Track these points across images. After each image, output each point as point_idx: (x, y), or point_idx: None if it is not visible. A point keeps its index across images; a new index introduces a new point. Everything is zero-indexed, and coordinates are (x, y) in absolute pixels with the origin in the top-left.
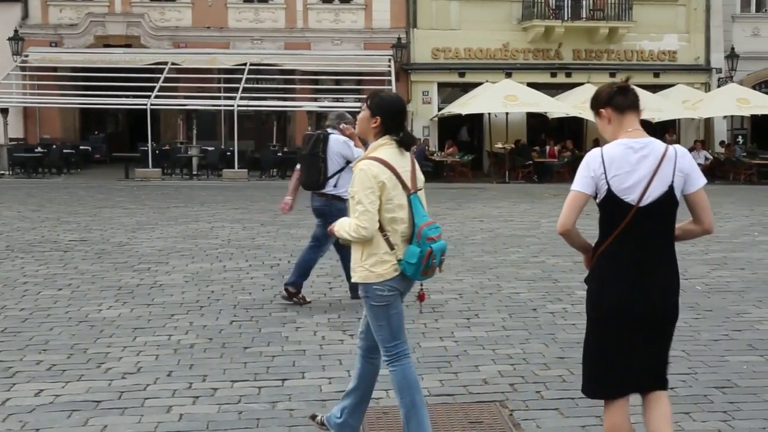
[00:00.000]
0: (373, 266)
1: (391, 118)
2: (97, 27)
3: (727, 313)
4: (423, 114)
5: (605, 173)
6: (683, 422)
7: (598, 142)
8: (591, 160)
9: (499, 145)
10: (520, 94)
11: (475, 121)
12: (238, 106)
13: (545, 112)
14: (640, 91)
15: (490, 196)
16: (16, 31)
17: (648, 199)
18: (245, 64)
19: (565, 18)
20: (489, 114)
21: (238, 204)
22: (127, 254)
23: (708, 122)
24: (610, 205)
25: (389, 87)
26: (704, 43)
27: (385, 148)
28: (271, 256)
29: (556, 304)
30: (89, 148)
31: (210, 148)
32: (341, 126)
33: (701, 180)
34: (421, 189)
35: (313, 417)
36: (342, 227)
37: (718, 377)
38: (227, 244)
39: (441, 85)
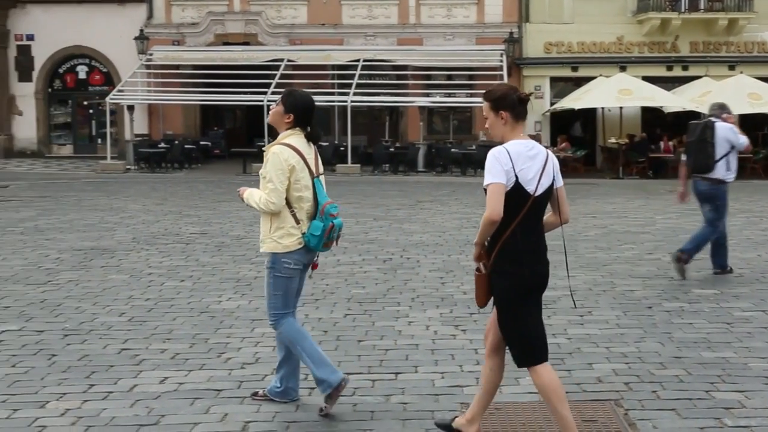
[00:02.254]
0: (281, 238)
1: (303, 116)
2: (217, 25)
3: None
4: (535, 109)
5: (514, 167)
6: None
7: None
8: (500, 156)
9: (613, 140)
10: (635, 88)
11: (589, 115)
12: (352, 101)
13: (661, 107)
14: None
15: (603, 191)
16: (141, 30)
17: (540, 190)
18: (358, 60)
19: (682, 9)
20: (602, 108)
21: (351, 198)
22: (245, 247)
23: None
24: (515, 195)
25: (500, 82)
26: None
27: (295, 137)
28: (384, 251)
29: (672, 302)
30: (209, 143)
31: (324, 143)
32: (723, 115)
33: (561, 178)
34: (322, 174)
35: (255, 393)
36: (252, 197)
37: None
38: (341, 238)
39: (553, 80)
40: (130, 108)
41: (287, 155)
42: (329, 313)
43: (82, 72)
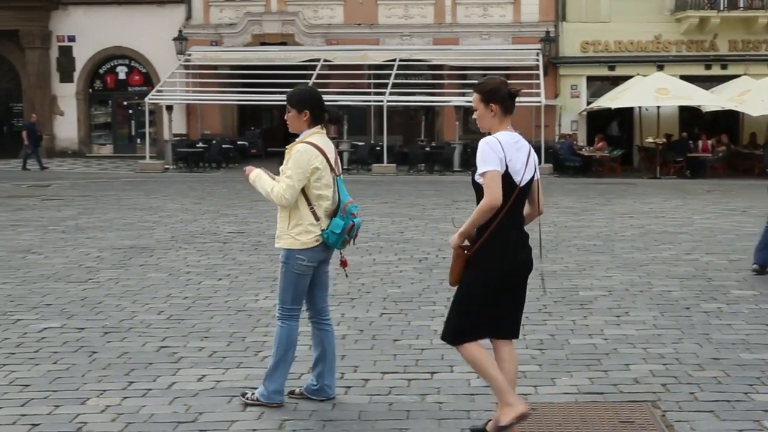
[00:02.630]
0: (299, 235)
1: (317, 107)
2: (254, 26)
3: None
4: (571, 108)
5: (505, 156)
6: None
7: (755, 136)
8: (493, 145)
9: (650, 140)
10: (673, 88)
11: (626, 115)
12: (388, 101)
13: (699, 106)
14: None
15: (640, 191)
16: (180, 31)
17: (524, 181)
18: (394, 60)
19: (721, 8)
20: (639, 108)
21: (386, 198)
22: None
23: None
24: (504, 184)
25: (537, 81)
26: None
27: (318, 135)
28: (420, 250)
29: (710, 303)
30: (246, 143)
31: (360, 143)
32: None
33: (538, 171)
34: (342, 173)
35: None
36: (262, 183)
37: None
38: (377, 237)
39: (590, 79)
40: (169, 108)
41: (311, 156)
42: (365, 312)
43: (122, 72)
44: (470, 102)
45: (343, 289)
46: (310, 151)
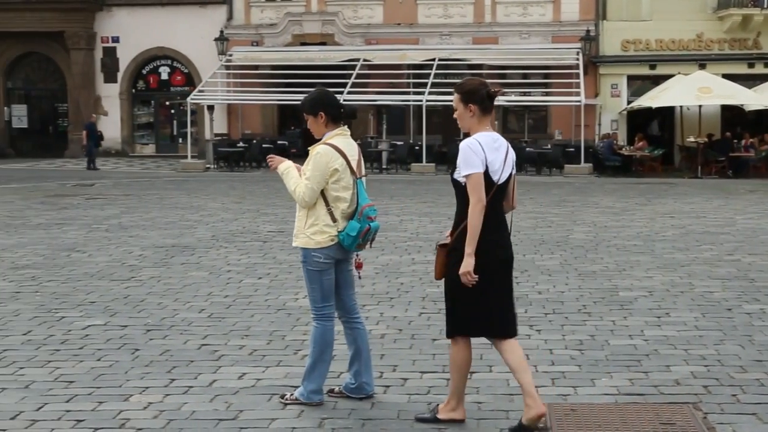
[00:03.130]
0: (314, 234)
1: (330, 106)
2: (294, 26)
3: None
4: (611, 107)
5: (486, 157)
6: None
7: None
8: (474, 147)
9: (691, 139)
10: (715, 86)
11: (667, 114)
12: (427, 101)
13: (741, 105)
14: None
15: (681, 191)
16: (221, 32)
17: (502, 179)
18: (434, 60)
19: (765, 5)
20: (681, 107)
21: (425, 198)
22: None
23: None
24: (484, 182)
25: (576, 80)
26: None
27: (340, 137)
28: None
29: (752, 304)
30: (286, 142)
31: (399, 143)
32: None
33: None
34: (364, 175)
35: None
36: (289, 180)
37: None
38: (416, 236)
39: (630, 78)
40: (210, 108)
41: (330, 158)
42: (404, 311)
43: (164, 73)
44: (509, 101)
45: (382, 288)
46: (330, 153)
